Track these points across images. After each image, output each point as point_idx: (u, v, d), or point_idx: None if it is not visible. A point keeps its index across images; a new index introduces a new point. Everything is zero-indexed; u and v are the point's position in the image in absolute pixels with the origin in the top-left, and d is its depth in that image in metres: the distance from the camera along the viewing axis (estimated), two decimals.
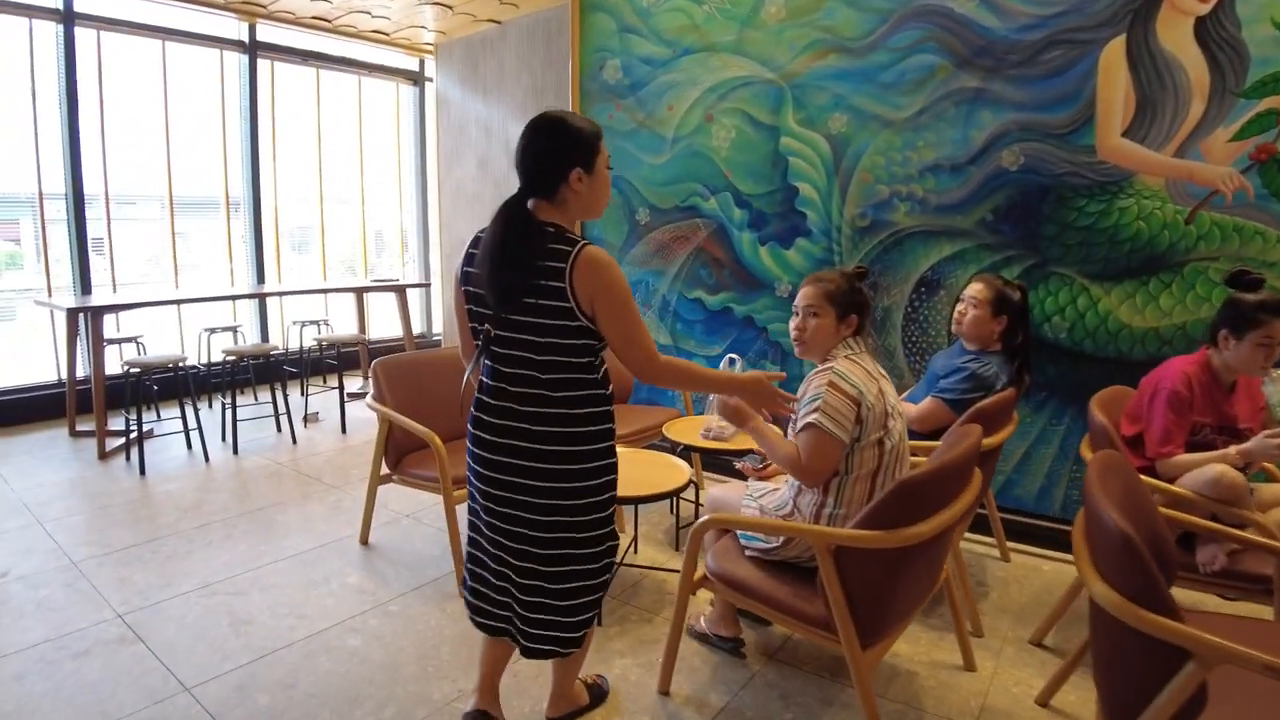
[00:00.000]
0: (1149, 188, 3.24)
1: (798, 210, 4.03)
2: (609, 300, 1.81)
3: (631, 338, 1.84)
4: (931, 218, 3.74)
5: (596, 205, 1.97)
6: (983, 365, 2.95)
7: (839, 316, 2.33)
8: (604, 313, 1.82)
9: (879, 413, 2.20)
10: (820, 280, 2.37)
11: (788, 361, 4.17)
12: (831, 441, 2.15)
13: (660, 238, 4.44)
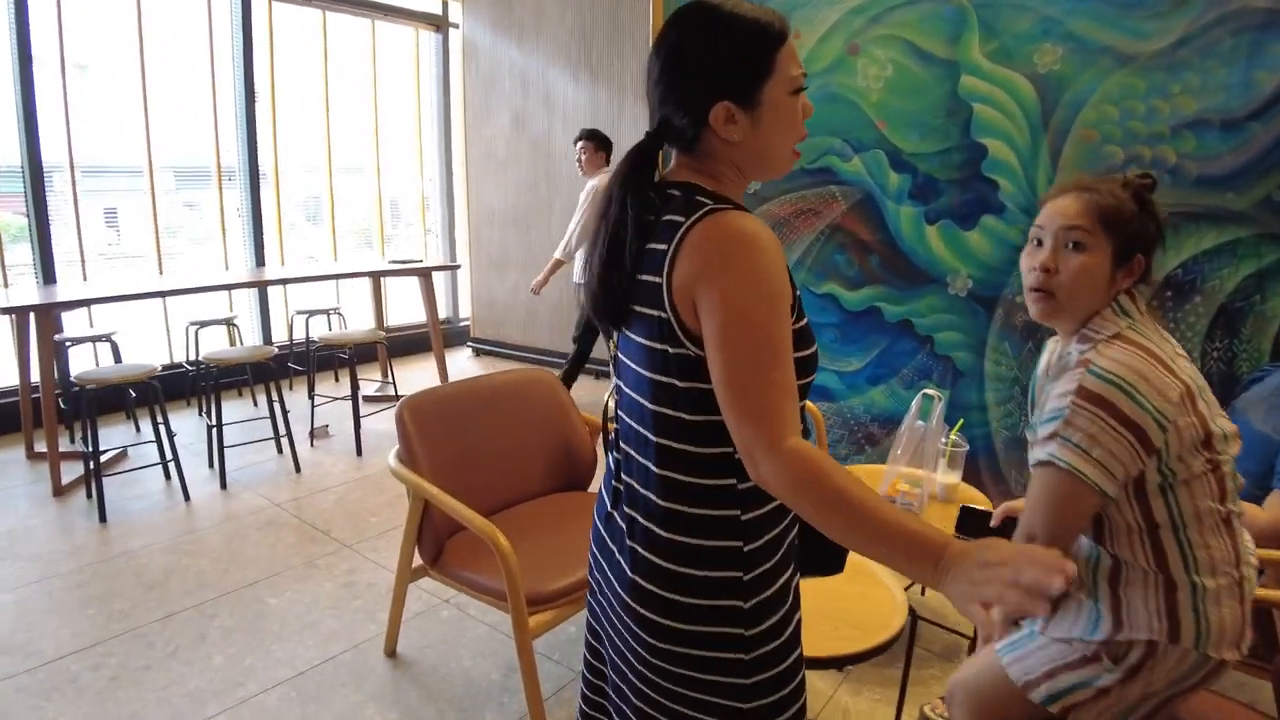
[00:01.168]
0: None
1: (984, 178, 2.92)
2: (716, 303, 0.99)
3: (748, 388, 0.98)
4: (1188, 194, 2.63)
5: (771, 157, 1.12)
6: None
7: (1117, 256, 1.40)
8: (708, 326, 1.00)
9: (1194, 429, 1.31)
10: (1088, 190, 1.41)
11: (960, 384, 3.09)
12: (1082, 493, 1.29)
13: (777, 212, 3.32)
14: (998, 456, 3.07)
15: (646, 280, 1.05)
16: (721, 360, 0.98)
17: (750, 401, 0.96)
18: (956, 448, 2.47)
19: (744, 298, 0.96)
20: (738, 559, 1.08)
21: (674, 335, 1.03)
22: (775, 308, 0.97)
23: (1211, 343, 2.67)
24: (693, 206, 1.03)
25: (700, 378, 1.03)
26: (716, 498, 1.07)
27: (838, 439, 3.35)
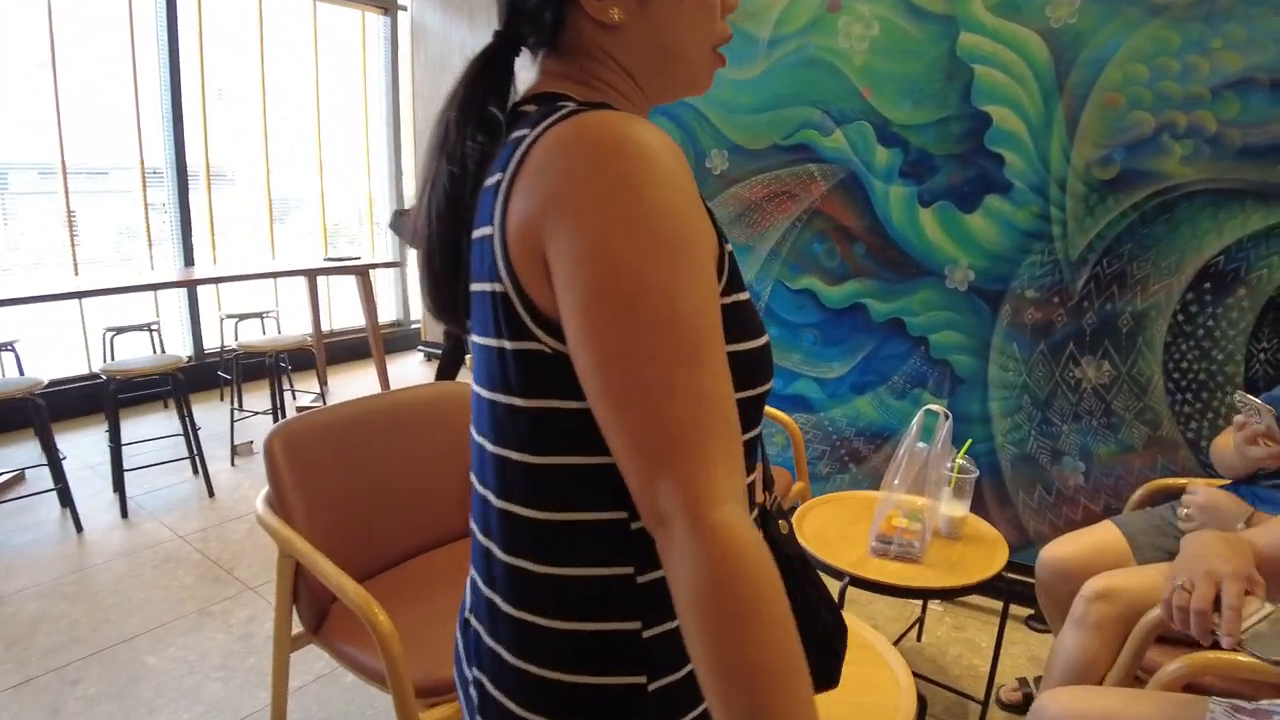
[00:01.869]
0: None
1: (988, 152, 2.50)
2: (578, 254, 0.59)
3: (639, 402, 0.58)
4: (1231, 167, 2.23)
5: (677, 52, 0.74)
6: None
7: None
8: (565, 295, 0.60)
9: None
10: None
11: (960, 392, 2.67)
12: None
13: (747, 195, 2.89)
14: (1003, 476, 2.65)
15: (479, 237, 0.67)
16: (592, 352, 0.58)
17: (646, 426, 0.57)
18: (964, 474, 2.05)
19: (623, 242, 0.57)
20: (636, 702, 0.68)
21: (514, 318, 0.63)
22: (678, 259, 0.58)
23: (1258, 343, 2.27)
24: (547, 115, 0.64)
25: (556, 390, 0.64)
26: (598, 601, 0.68)
27: (818, 456, 2.92)
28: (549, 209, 0.59)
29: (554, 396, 0.64)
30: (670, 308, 0.56)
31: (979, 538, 2.08)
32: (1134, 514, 1.99)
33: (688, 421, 0.56)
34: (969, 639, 2.50)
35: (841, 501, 2.26)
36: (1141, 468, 2.45)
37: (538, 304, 0.62)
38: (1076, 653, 1.72)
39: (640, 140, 0.59)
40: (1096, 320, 2.45)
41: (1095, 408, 2.50)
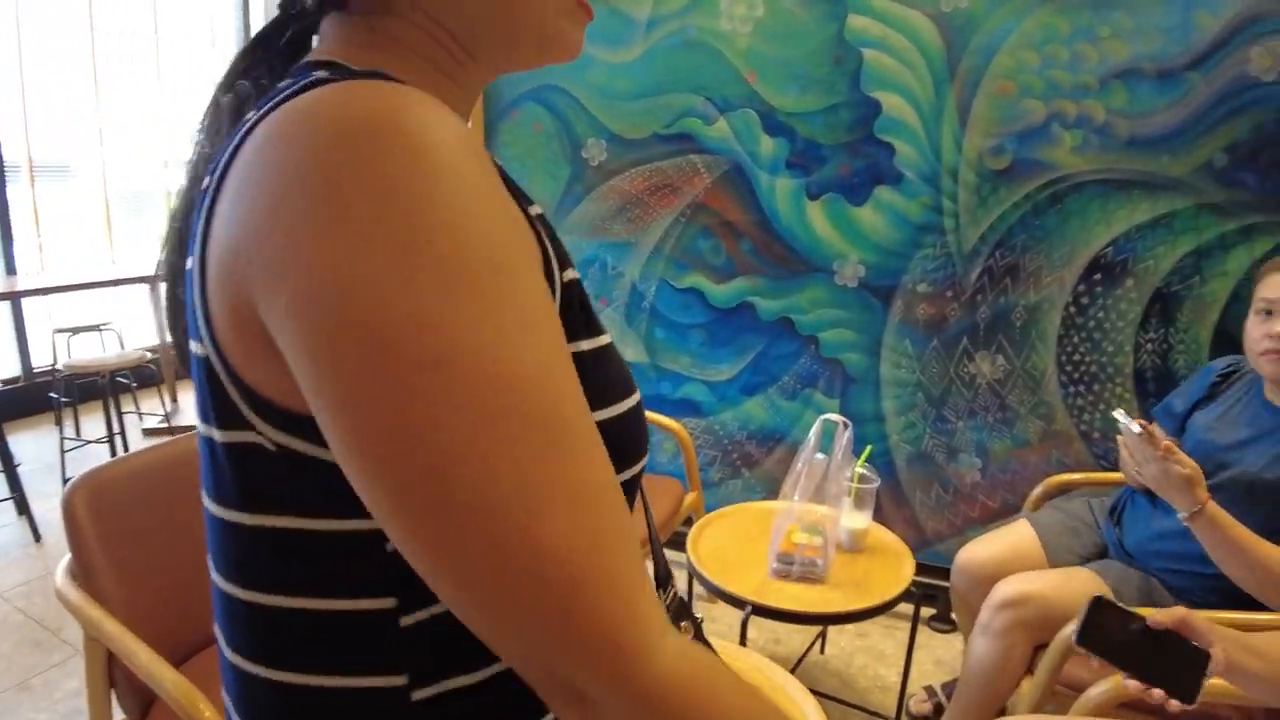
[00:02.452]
0: None
1: (878, 140, 2.39)
2: (310, 319, 0.36)
3: (476, 538, 0.36)
4: (1120, 157, 2.19)
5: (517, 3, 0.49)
6: None
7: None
8: (306, 367, 0.37)
9: None
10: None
11: (852, 392, 2.57)
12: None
13: (628, 188, 2.70)
14: (899, 476, 2.57)
15: (188, 269, 0.46)
16: (384, 473, 0.37)
17: (511, 570, 0.37)
18: (865, 484, 1.93)
19: (397, 289, 0.36)
20: None
21: (221, 397, 0.43)
22: (497, 302, 0.38)
23: (1145, 333, 2.25)
24: (282, 91, 0.43)
25: (284, 503, 0.44)
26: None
27: (709, 462, 2.77)
28: (259, 240, 0.38)
29: (285, 512, 0.43)
30: (500, 378, 0.37)
31: (883, 549, 1.98)
32: (1049, 513, 1.92)
33: (575, 544, 0.37)
34: (873, 647, 2.40)
35: (737, 515, 2.11)
36: (1037, 462, 2.41)
37: (243, 375, 0.41)
38: (986, 662, 1.65)
39: (409, 122, 0.38)
40: (990, 314, 2.38)
41: (990, 403, 2.44)
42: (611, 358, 0.52)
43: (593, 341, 0.50)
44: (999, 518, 2.39)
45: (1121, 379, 2.29)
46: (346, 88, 0.40)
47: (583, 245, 2.77)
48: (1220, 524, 1.37)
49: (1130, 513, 1.77)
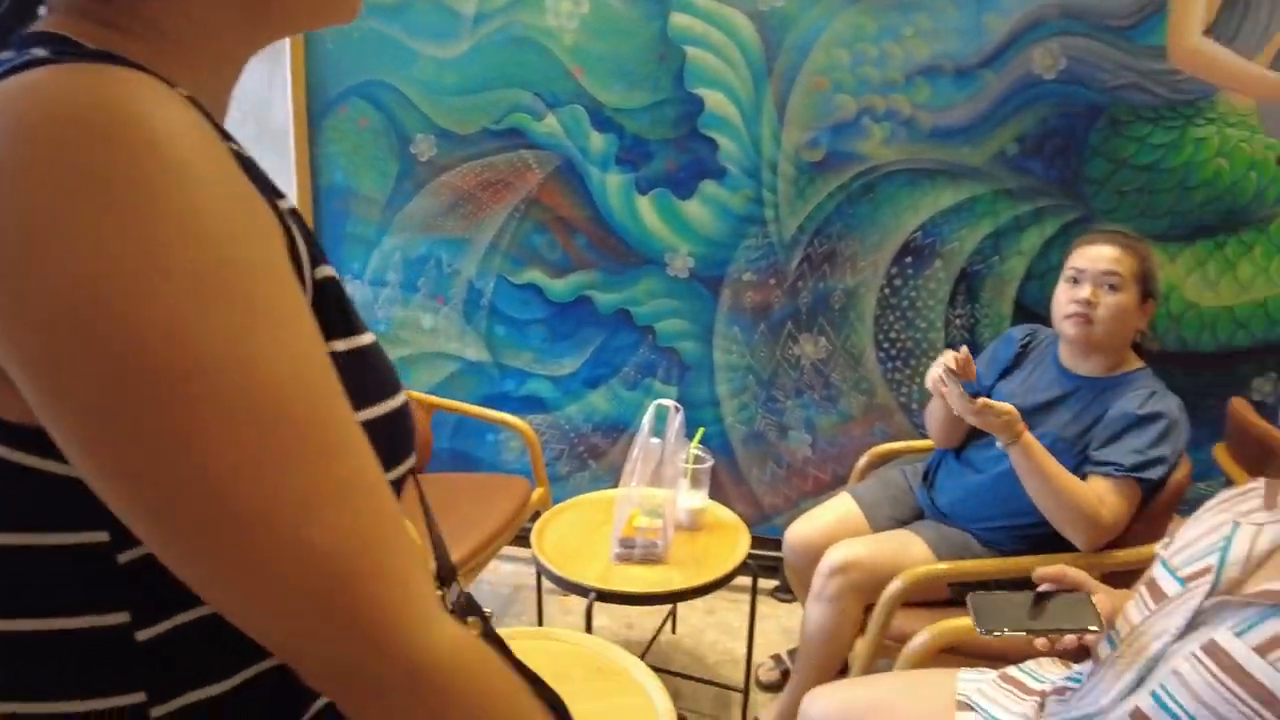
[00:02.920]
0: (1236, 111, 2.24)
1: (702, 136, 2.47)
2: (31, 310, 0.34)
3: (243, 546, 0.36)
4: (924, 148, 2.36)
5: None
6: (1176, 403, 1.65)
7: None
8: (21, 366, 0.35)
9: None
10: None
11: (689, 379, 2.65)
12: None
13: (459, 184, 2.67)
14: (735, 455, 2.68)
15: None
16: (137, 485, 0.36)
17: (283, 572, 0.37)
18: (699, 464, 2.01)
19: (136, 296, 0.34)
20: None
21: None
22: (244, 301, 0.37)
23: (953, 310, 2.45)
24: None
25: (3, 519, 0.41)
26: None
27: (556, 456, 2.79)
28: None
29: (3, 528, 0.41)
30: (256, 382, 0.36)
31: (720, 525, 2.06)
32: (868, 483, 2.05)
33: (347, 541, 0.38)
34: (722, 622, 2.49)
35: (581, 507, 2.14)
36: (862, 435, 2.57)
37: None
38: (822, 626, 1.75)
39: (136, 114, 0.35)
40: (811, 299, 2.51)
41: (816, 382, 2.58)
42: (372, 358, 0.50)
43: (350, 341, 0.48)
44: (830, 489, 2.52)
45: (934, 353, 2.47)
46: (65, 72, 0.36)
47: (416, 243, 2.72)
48: (1034, 452, 1.53)
49: (942, 475, 1.92)
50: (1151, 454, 1.58)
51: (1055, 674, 1.23)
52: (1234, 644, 0.89)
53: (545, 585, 2.24)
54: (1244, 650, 0.87)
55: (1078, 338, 1.67)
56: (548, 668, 1.40)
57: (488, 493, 2.28)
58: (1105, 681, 1.02)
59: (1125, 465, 1.57)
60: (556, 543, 1.93)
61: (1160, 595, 1.03)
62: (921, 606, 1.70)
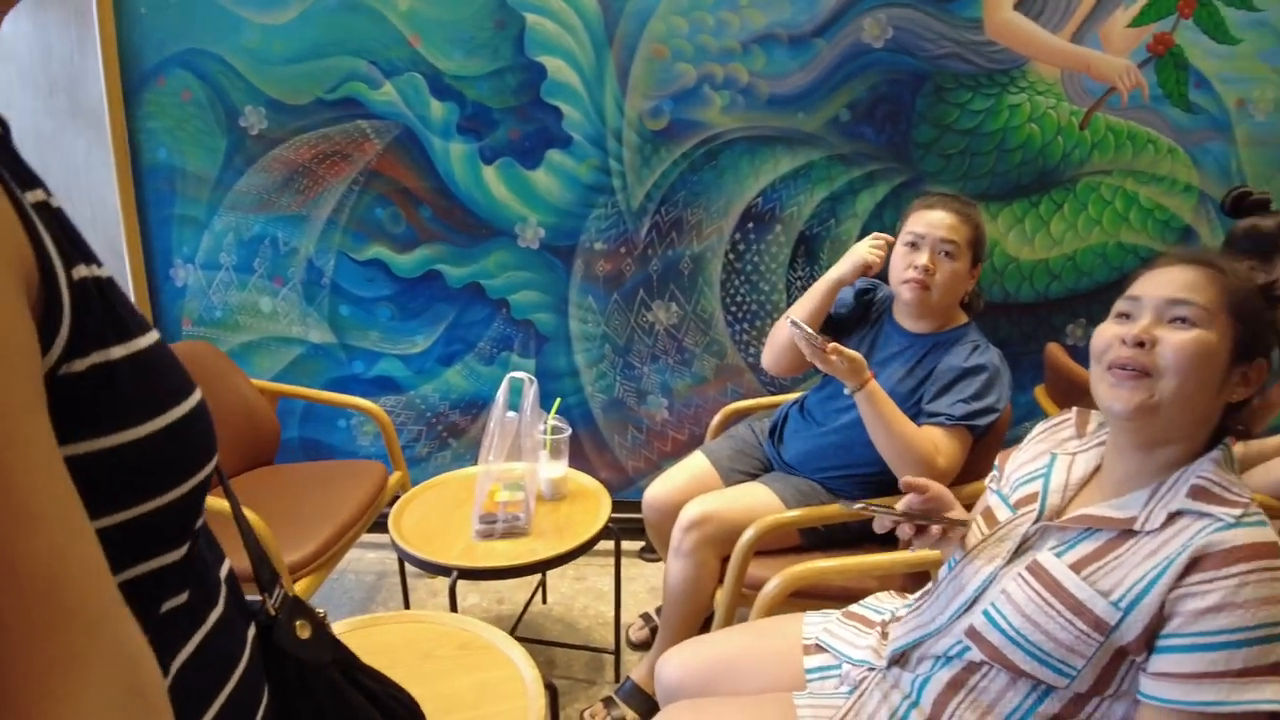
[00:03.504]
0: (1043, 80, 2.42)
1: (546, 104, 2.44)
2: None
3: None
4: (762, 116, 2.42)
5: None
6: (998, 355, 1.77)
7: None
8: None
9: None
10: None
11: (546, 350, 2.64)
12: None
13: (293, 157, 2.54)
14: (597, 423, 2.70)
15: None
16: None
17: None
18: (557, 434, 2.01)
19: None
20: None
21: None
22: None
23: (794, 272, 2.53)
24: None
25: None
26: None
27: (414, 438, 2.73)
28: None
29: None
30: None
31: (582, 493, 2.07)
32: (719, 441, 2.10)
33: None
34: (592, 587, 2.52)
35: (440, 486, 2.10)
36: (715, 395, 2.64)
37: None
38: (682, 580, 1.79)
39: None
40: (661, 266, 2.55)
41: (669, 347, 2.62)
42: (157, 360, 0.47)
43: (127, 346, 0.44)
44: (688, 449, 2.57)
45: (778, 314, 2.56)
46: None
47: (250, 221, 2.58)
48: (877, 398, 1.61)
49: (788, 429, 2.00)
50: (977, 404, 1.68)
51: (893, 605, 1.31)
52: (1053, 563, 0.97)
53: (409, 569, 2.20)
54: (1061, 568, 0.96)
55: (914, 302, 1.75)
56: (412, 649, 1.39)
57: (342, 480, 2.20)
58: (943, 600, 1.09)
59: (956, 415, 1.67)
60: (416, 525, 1.90)
61: (994, 521, 1.11)
62: (774, 554, 1.77)
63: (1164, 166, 2.48)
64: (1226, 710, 0.82)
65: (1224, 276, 0.95)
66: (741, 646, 1.35)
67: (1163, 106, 2.44)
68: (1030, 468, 1.14)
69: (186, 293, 2.64)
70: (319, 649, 0.65)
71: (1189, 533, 0.89)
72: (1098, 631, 0.90)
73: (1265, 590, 0.83)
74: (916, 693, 1.07)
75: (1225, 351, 0.93)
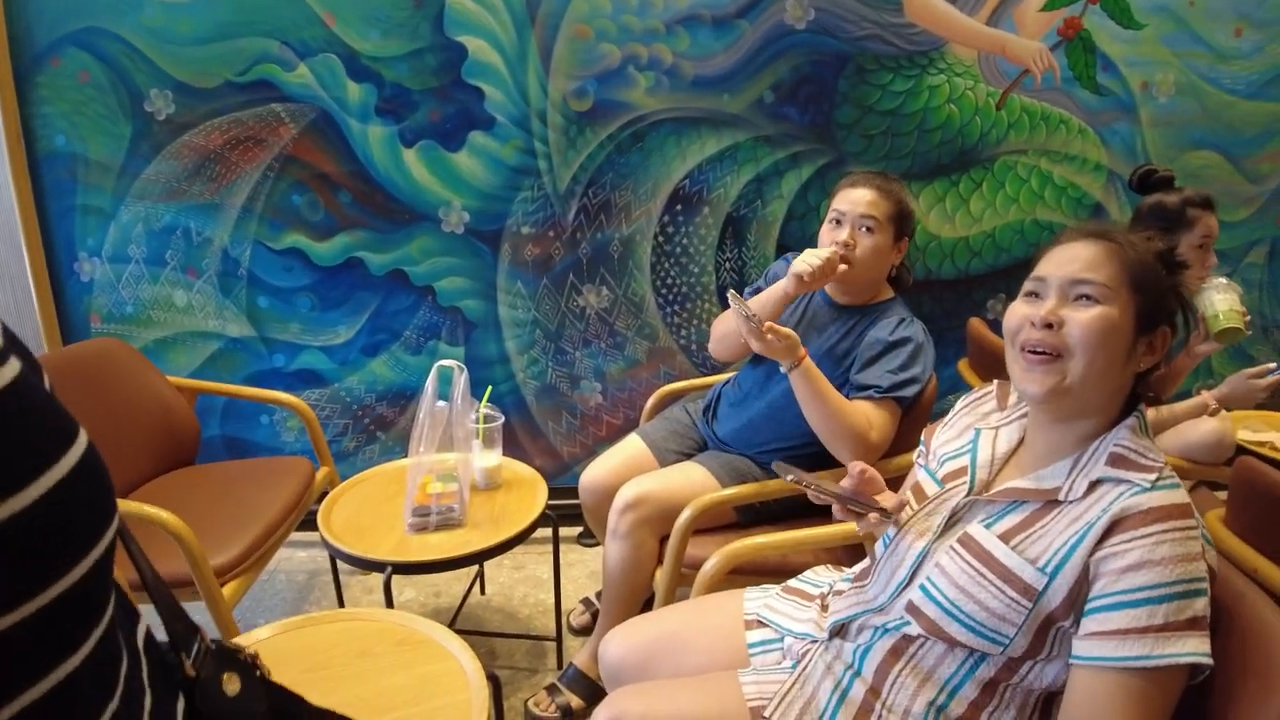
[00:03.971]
0: (961, 62, 2.48)
1: (467, 85, 2.39)
2: None
3: None
4: (688, 97, 2.42)
5: None
6: (921, 327, 1.80)
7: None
8: None
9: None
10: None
11: (475, 338, 2.60)
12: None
13: (204, 143, 2.43)
14: (531, 410, 2.67)
15: None
16: None
17: None
18: (490, 422, 1.97)
19: None
20: None
21: None
22: None
23: (723, 253, 2.54)
24: None
25: None
26: None
27: (341, 432, 2.66)
28: None
29: None
30: None
31: (517, 481, 2.03)
32: (654, 423, 2.10)
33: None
34: (531, 575, 2.49)
35: (370, 481, 2.05)
36: (649, 378, 2.64)
37: None
38: (621, 562, 1.79)
39: None
40: (590, 249, 2.52)
41: (601, 331, 2.60)
42: (21, 400, 0.36)
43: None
44: (623, 432, 2.57)
45: (708, 296, 2.57)
46: None
47: (160, 211, 2.46)
48: (813, 376, 1.61)
49: (721, 408, 2.00)
50: (904, 375, 1.71)
51: (830, 577, 1.32)
52: (983, 534, 0.99)
53: (342, 567, 2.14)
54: (991, 538, 0.98)
55: (839, 276, 1.78)
56: (349, 648, 1.35)
57: (267, 478, 2.13)
58: (883, 577, 1.11)
59: (883, 387, 1.70)
60: (347, 521, 1.84)
61: (924, 496, 1.13)
62: (712, 532, 1.77)
63: (1075, 146, 2.57)
64: (1151, 664, 0.85)
65: (1123, 250, 0.98)
66: (682, 623, 1.34)
67: (1073, 88, 2.52)
68: (956, 444, 1.17)
69: (94, 288, 2.51)
70: (251, 701, 0.58)
71: (1108, 498, 0.92)
72: (1026, 598, 0.93)
73: (1180, 549, 0.86)
74: (859, 662, 1.09)
75: (1129, 324, 0.96)
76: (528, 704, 1.92)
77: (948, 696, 1.01)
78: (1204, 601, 0.86)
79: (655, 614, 1.44)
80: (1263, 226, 2.71)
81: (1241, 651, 0.91)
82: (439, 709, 1.22)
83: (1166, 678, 0.86)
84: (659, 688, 1.20)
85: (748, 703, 1.10)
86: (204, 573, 1.68)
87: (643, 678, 1.28)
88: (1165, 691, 0.86)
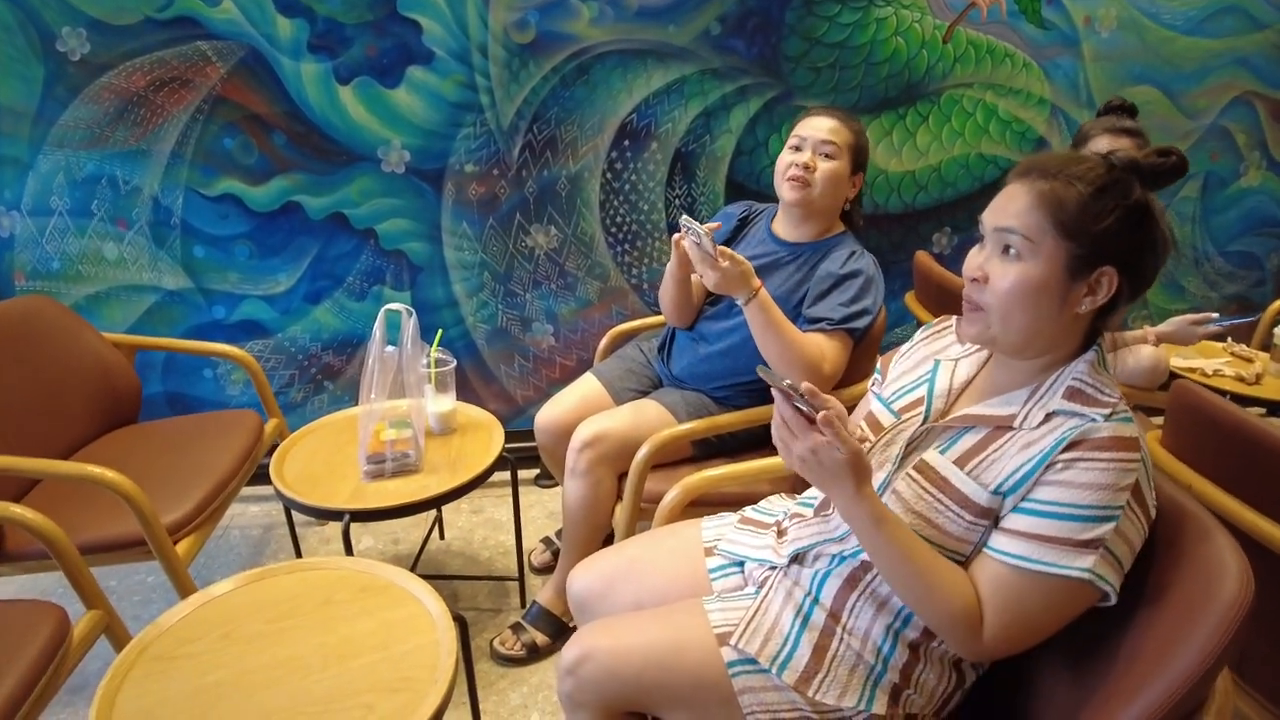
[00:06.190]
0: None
1: (403, 18, 2.30)
2: None
3: None
4: (632, 28, 2.36)
5: None
6: (871, 260, 1.80)
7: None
8: None
9: None
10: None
11: (421, 281, 2.54)
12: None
13: (125, 85, 2.30)
14: (482, 354, 2.64)
15: None
16: None
17: None
18: (442, 366, 1.94)
19: None
20: None
21: None
22: None
23: (672, 190, 2.52)
24: None
25: None
26: None
27: (288, 383, 2.60)
28: None
29: None
30: None
31: (473, 425, 2.02)
32: (608, 362, 2.09)
33: None
34: (491, 519, 2.49)
35: (322, 430, 2.01)
36: (601, 318, 2.62)
37: None
38: (581, 500, 1.80)
39: None
40: (537, 188, 2.48)
41: (551, 272, 2.57)
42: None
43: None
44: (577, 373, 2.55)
45: (659, 234, 2.54)
46: None
47: (81, 159, 2.33)
48: (766, 307, 1.60)
49: (676, 347, 2.00)
50: (855, 306, 1.72)
51: (785, 505, 1.34)
52: (939, 460, 1.00)
53: (298, 519, 2.12)
54: (946, 464, 0.99)
55: (796, 200, 1.76)
56: (311, 597, 1.34)
57: (214, 433, 2.08)
58: None
59: (835, 319, 1.71)
60: (300, 472, 1.81)
61: (879, 427, 1.14)
62: (669, 467, 1.79)
63: (1020, 80, 2.58)
64: (1056, 573, 0.89)
65: (1053, 192, 0.94)
66: (643, 550, 1.37)
67: (1019, 22, 2.52)
68: (914, 375, 1.18)
69: (15, 244, 2.38)
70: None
71: (1063, 429, 0.93)
72: (984, 519, 0.95)
73: (1110, 478, 0.89)
74: (816, 589, 1.11)
75: (1055, 275, 0.94)
76: (493, 643, 1.93)
77: (903, 622, 1.05)
78: (1110, 527, 0.88)
79: (616, 545, 1.46)
80: (1197, 161, 2.76)
81: (1179, 563, 0.94)
82: (407, 652, 1.21)
83: (1061, 587, 0.89)
84: (626, 620, 1.21)
85: (714, 629, 1.11)
86: (156, 531, 1.64)
87: (607, 603, 1.30)
88: (1066, 602, 0.91)
